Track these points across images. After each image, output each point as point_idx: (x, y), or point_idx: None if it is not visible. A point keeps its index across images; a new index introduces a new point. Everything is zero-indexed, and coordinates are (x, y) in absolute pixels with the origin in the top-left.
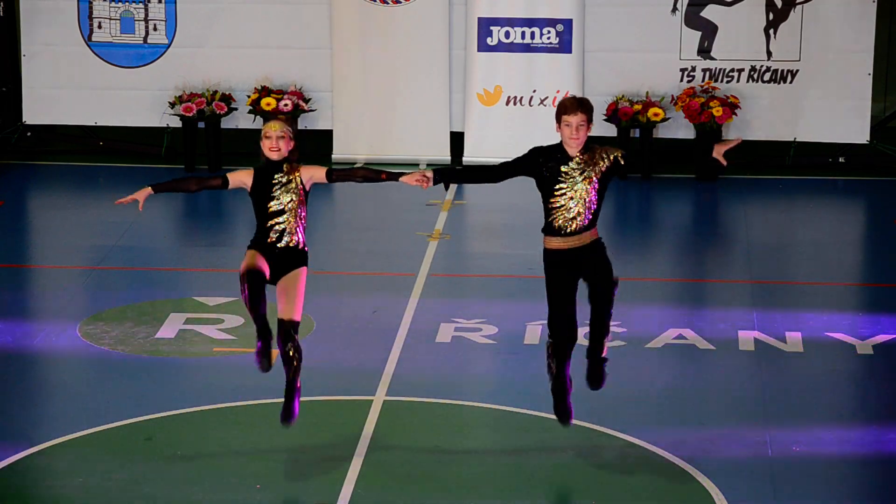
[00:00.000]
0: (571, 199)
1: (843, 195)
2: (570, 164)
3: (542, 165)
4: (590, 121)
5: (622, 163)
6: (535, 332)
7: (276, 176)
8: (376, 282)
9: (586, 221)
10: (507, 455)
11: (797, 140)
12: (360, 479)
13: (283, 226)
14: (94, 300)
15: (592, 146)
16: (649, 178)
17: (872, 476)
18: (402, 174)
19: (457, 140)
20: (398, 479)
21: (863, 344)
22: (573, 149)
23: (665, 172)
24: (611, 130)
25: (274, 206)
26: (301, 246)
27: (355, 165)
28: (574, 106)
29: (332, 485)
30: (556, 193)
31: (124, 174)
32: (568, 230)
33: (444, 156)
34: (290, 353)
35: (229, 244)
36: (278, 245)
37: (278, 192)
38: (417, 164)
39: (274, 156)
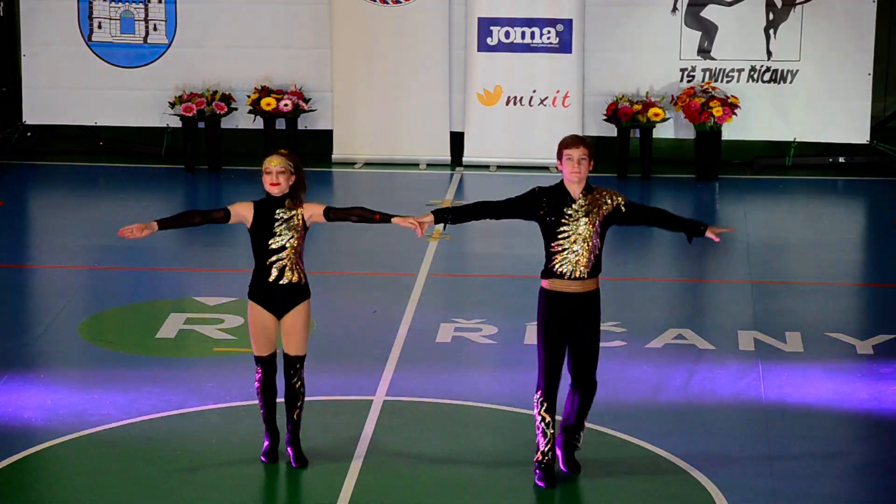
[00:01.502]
0: (575, 242)
1: (843, 195)
2: (574, 205)
3: (545, 208)
4: (591, 157)
5: (623, 210)
6: (535, 332)
7: (277, 211)
8: (376, 282)
9: (590, 266)
10: (507, 455)
11: (797, 140)
12: (360, 479)
13: (283, 262)
14: (94, 300)
15: (596, 188)
16: (649, 178)
17: (872, 474)
18: (395, 216)
19: (457, 140)
20: (398, 479)
21: (863, 344)
22: (575, 185)
23: (665, 172)
24: (611, 130)
25: (275, 242)
26: (302, 281)
27: (352, 206)
28: (576, 141)
29: (332, 485)
30: (559, 237)
31: (124, 174)
32: (572, 275)
33: (444, 156)
34: (297, 387)
35: (229, 244)
36: (280, 282)
37: (279, 228)
38: (417, 164)
39: (275, 191)
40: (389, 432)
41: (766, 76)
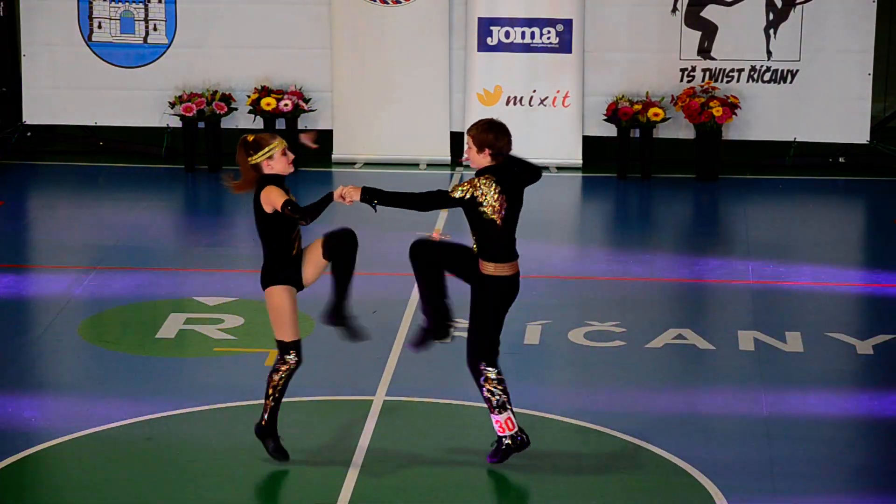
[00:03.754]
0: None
1: (843, 195)
2: None
3: None
4: (478, 147)
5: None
6: (536, 332)
7: (287, 187)
8: (376, 282)
9: (475, 249)
10: None
11: (797, 140)
12: (360, 479)
13: (295, 233)
14: (94, 300)
15: (477, 175)
16: (649, 178)
17: (873, 474)
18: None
19: (457, 140)
20: (398, 479)
21: (863, 344)
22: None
23: (665, 172)
24: (611, 130)
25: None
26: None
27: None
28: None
29: (332, 485)
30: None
31: (124, 174)
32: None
33: (444, 156)
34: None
35: (229, 244)
36: (295, 254)
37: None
38: (417, 164)
39: (291, 169)
40: (389, 432)
41: (766, 76)
